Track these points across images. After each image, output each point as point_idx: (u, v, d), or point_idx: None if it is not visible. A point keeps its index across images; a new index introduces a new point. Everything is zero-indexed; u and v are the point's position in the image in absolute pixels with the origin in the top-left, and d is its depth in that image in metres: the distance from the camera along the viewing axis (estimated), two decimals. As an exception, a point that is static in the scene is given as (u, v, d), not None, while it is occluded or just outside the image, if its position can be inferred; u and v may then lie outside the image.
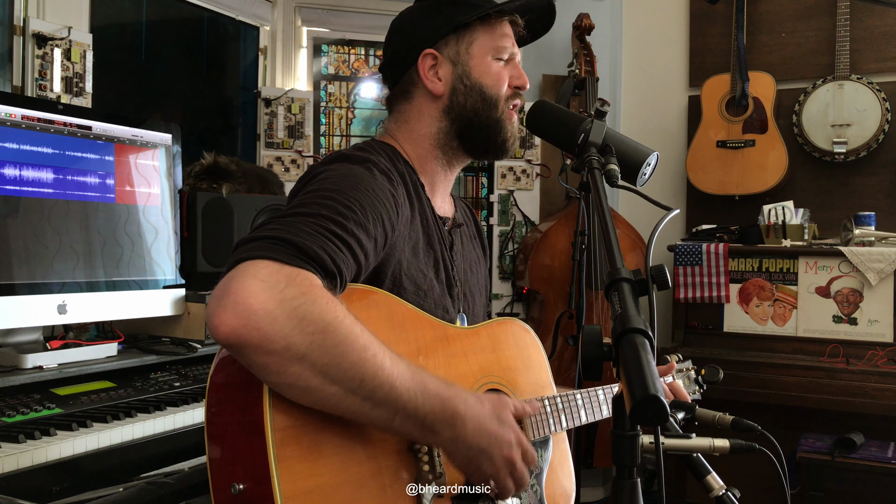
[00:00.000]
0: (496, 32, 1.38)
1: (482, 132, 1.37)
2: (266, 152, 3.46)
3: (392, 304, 1.19)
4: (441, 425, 1.04)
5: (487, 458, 1.09)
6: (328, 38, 3.76)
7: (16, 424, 1.55)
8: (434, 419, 1.03)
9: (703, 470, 1.34)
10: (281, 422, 0.96)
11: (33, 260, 1.78)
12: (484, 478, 1.11)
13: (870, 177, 3.55)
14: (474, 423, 1.06)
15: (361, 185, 1.15)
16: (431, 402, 1.02)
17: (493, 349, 1.33)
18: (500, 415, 1.12)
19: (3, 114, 1.74)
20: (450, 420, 1.04)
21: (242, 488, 0.96)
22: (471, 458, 1.08)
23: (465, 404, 1.06)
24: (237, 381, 1.01)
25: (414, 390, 1.01)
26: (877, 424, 3.08)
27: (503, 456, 1.10)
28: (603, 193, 1.02)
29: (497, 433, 1.09)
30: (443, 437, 1.05)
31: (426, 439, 1.08)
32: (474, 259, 1.52)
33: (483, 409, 1.09)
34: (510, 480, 1.12)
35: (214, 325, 0.91)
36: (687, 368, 1.74)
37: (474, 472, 1.11)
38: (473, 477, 1.12)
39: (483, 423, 1.08)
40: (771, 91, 3.58)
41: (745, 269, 3.41)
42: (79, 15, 2.64)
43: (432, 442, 1.09)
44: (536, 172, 3.79)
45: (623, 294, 0.85)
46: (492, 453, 1.09)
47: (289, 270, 0.94)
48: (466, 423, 1.05)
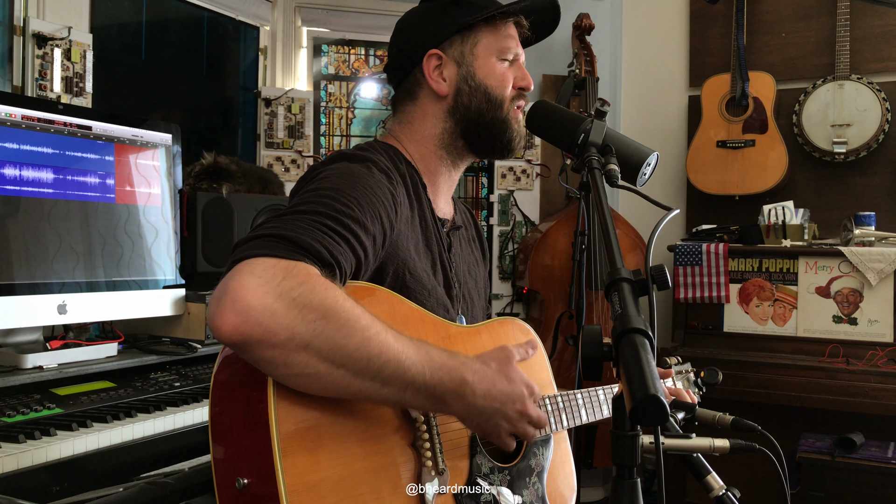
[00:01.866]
0: (501, 33, 1.38)
1: (487, 132, 1.38)
2: (266, 152, 3.46)
3: (394, 302, 1.19)
4: (451, 396, 1.06)
5: (503, 417, 1.11)
6: (328, 38, 3.76)
7: (16, 424, 1.56)
8: (444, 390, 1.05)
9: (703, 470, 1.34)
10: (285, 417, 0.97)
11: (33, 260, 1.78)
12: (503, 434, 1.14)
13: (870, 177, 3.55)
14: (483, 387, 1.08)
15: (359, 184, 1.15)
16: (439, 373, 1.04)
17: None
18: (506, 371, 1.13)
19: (3, 114, 1.75)
20: (459, 389, 1.06)
21: (247, 483, 0.97)
22: (486, 420, 1.10)
23: (471, 371, 1.08)
24: (241, 378, 1.02)
25: (421, 364, 1.02)
26: (877, 424, 3.08)
27: (517, 411, 1.13)
28: (603, 193, 1.02)
29: (506, 391, 1.11)
30: (455, 407, 1.07)
31: (439, 410, 1.10)
32: (473, 262, 1.52)
33: (489, 371, 1.11)
34: (530, 428, 1.16)
35: (216, 326, 0.92)
36: (686, 370, 1.74)
37: (492, 432, 1.13)
38: (493, 437, 1.14)
39: (492, 385, 1.10)
40: (771, 91, 3.58)
41: (745, 269, 3.41)
42: (79, 15, 2.63)
43: (445, 412, 1.10)
44: (536, 172, 3.79)
45: (623, 294, 0.85)
46: (506, 411, 1.11)
47: (285, 263, 0.95)
48: (476, 390, 1.07)
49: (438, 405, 1.07)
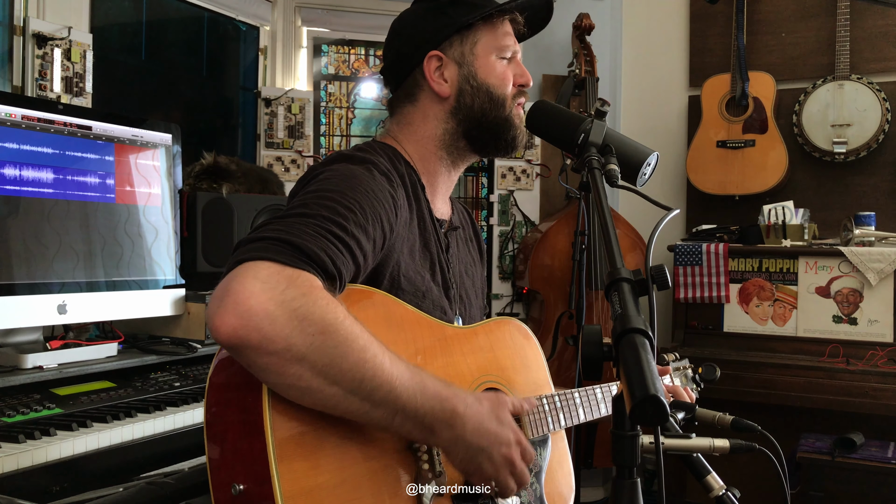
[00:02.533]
0: (499, 31, 1.38)
1: (491, 131, 1.37)
2: (266, 152, 3.46)
3: (390, 304, 1.19)
4: (441, 425, 1.04)
5: (487, 458, 1.09)
6: (328, 38, 3.76)
7: (16, 424, 1.56)
8: (434, 419, 1.03)
9: (703, 470, 1.34)
10: (281, 422, 0.96)
11: (33, 260, 1.78)
12: (484, 477, 1.11)
13: (870, 177, 3.55)
14: (473, 422, 1.06)
15: (361, 186, 1.14)
16: (431, 402, 1.02)
17: (491, 349, 1.33)
18: (499, 414, 1.12)
19: (3, 114, 1.74)
20: (449, 420, 1.04)
21: (243, 488, 0.96)
22: (470, 457, 1.08)
23: (463, 404, 1.06)
24: (237, 382, 1.01)
25: (413, 390, 1.01)
26: (877, 424, 3.08)
27: (502, 455, 1.10)
28: (603, 193, 1.02)
29: (496, 432, 1.09)
30: (442, 438, 1.06)
31: (426, 439, 1.08)
32: (470, 262, 1.51)
33: (482, 409, 1.09)
34: (511, 479, 1.12)
35: (215, 326, 0.91)
36: (684, 367, 1.75)
37: (474, 472, 1.10)
38: (474, 477, 1.11)
39: (482, 423, 1.08)
40: (771, 91, 3.58)
41: (745, 269, 3.41)
42: (79, 15, 2.63)
43: (432, 442, 1.09)
44: (536, 172, 3.79)
45: (623, 294, 0.85)
46: (491, 453, 1.09)
47: (290, 272, 0.94)
48: (466, 424, 1.05)
49: (426, 434, 1.05)
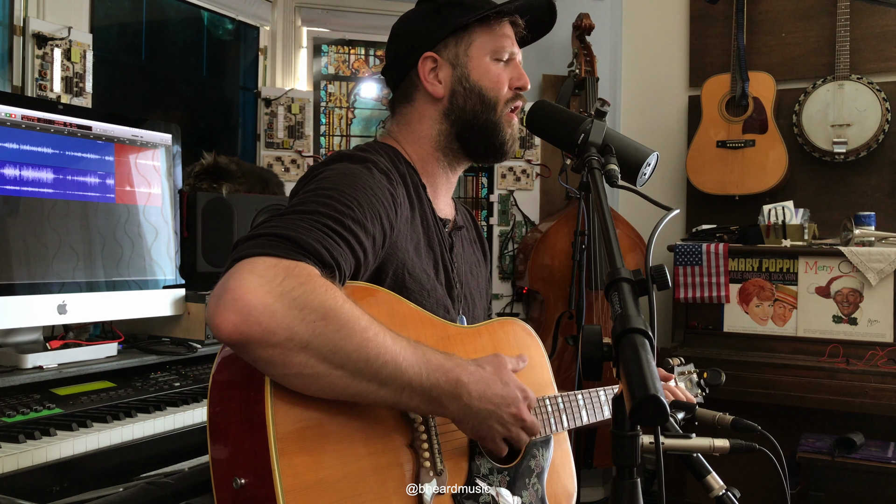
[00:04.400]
0: (495, 33, 1.38)
1: (480, 134, 1.38)
2: (266, 152, 3.46)
3: (393, 302, 1.19)
4: (447, 397, 1.06)
5: (497, 420, 1.12)
6: (328, 38, 3.76)
7: (16, 424, 1.56)
8: (440, 392, 1.05)
9: (703, 470, 1.34)
10: (282, 417, 0.97)
11: (33, 260, 1.78)
12: (497, 437, 1.14)
13: (870, 177, 3.55)
14: (478, 388, 1.09)
15: (359, 184, 1.15)
16: (435, 374, 1.05)
17: (494, 348, 1.33)
18: (502, 375, 1.15)
19: (3, 114, 1.74)
20: (455, 391, 1.07)
21: (244, 482, 0.97)
22: (480, 422, 1.11)
23: (467, 373, 1.09)
24: (239, 378, 1.02)
25: (418, 365, 1.03)
26: (877, 424, 3.08)
27: (511, 414, 1.13)
28: (603, 193, 1.02)
29: (502, 394, 1.12)
30: (450, 409, 1.08)
31: (434, 412, 1.11)
32: (475, 262, 1.52)
33: (485, 374, 1.12)
34: (523, 433, 1.17)
35: (216, 325, 0.92)
36: (689, 371, 1.74)
37: (486, 436, 1.14)
38: (487, 440, 1.15)
39: (487, 387, 1.11)
40: (771, 91, 3.58)
41: (745, 269, 3.41)
42: (79, 15, 2.64)
43: (440, 413, 1.10)
44: (536, 172, 3.79)
45: (623, 294, 0.85)
46: (500, 414, 1.12)
47: (286, 263, 0.95)
48: (471, 391, 1.08)
49: (434, 406, 1.07)
